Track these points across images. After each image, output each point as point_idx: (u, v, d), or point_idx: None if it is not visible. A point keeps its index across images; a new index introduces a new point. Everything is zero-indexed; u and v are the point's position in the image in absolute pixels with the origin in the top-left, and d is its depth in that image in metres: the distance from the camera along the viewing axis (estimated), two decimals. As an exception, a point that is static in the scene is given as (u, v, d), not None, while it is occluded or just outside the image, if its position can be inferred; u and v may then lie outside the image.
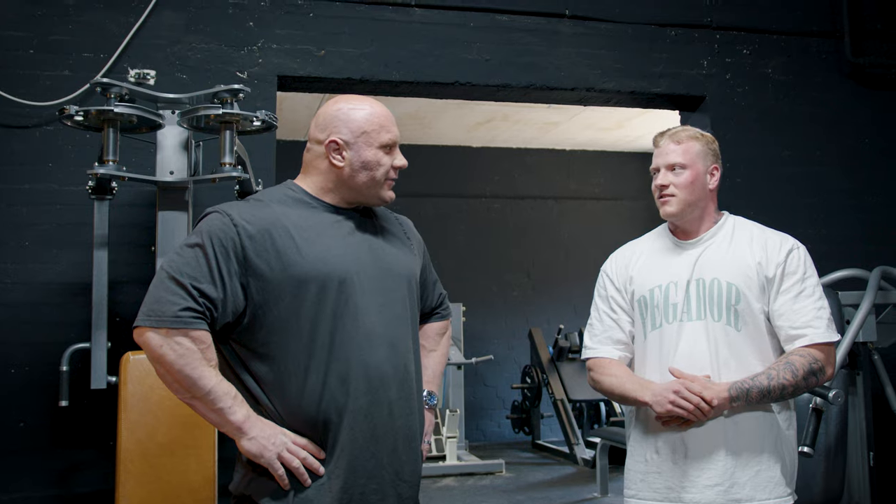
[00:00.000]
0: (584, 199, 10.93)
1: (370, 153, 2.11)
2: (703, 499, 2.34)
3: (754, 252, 2.45)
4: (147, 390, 3.06)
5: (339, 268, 2.04)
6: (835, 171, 4.99)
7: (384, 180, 2.14)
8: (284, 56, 4.27)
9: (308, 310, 2.00)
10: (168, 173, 3.42)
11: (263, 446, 1.94)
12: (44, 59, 3.98)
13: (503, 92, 4.72)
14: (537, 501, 6.79)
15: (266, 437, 1.95)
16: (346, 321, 2.02)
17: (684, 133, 2.51)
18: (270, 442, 1.95)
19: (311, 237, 2.04)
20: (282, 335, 1.99)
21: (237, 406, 1.95)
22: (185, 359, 1.92)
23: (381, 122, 2.13)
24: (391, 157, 2.15)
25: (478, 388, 10.28)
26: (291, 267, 1.99)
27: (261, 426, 1.96)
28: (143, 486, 3.00)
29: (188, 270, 1.95)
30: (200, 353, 1.93)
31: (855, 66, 5.03)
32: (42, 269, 3.88)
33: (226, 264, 1.97)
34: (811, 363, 2.34)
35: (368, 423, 2.02)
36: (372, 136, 2.12)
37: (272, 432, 1.96)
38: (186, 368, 1.92)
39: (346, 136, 2.11)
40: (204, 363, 1.93)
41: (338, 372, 2.00)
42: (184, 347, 1.92)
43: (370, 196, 2.15)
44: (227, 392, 1.95)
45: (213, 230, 1.99)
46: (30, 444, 3.78)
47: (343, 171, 2.11)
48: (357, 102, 2.16)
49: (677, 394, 2.31)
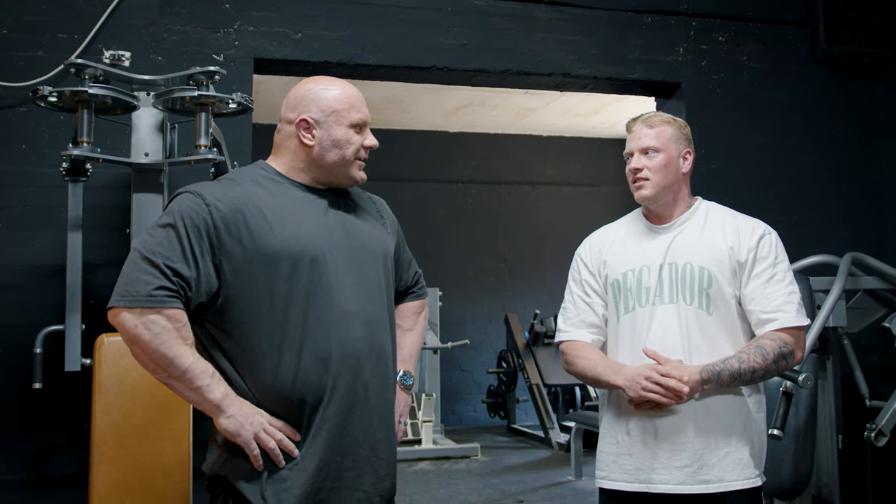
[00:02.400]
0: (561, 185, 10.96)
1: (340, 132, 2.12)
2: (672, 480, 2.37)
3: (726, 237, 2.48)
4: (121, 372, 3.05)
5: (311, 246, 2.04)
6: (809, 159, 5.03)
7: (354, 159, 2.15)
8: (261, 39, 4.25)
9: (281, 288, 2.00)
10: (143, 155, 3.40)
11: (241, 424, 1.95)
12: (17, 39, 3.94)
13: (480, 77, 4.73)
14: (512, 485, 6.83)
15: (244, 416, 1.95)
16: (319, 300, 2.02)
17: (657, 118, 2.54)
18: (248, 421, 1.95)
19: (283, 215, 2.05)
20: (255, 314, 2.00)
21: (215, 384, 1.95)
22: (160, 338, 1.91)
23: (351, 102, 2.14)
24: (361, 137, 2.16)
25: (454, 373, 10.31)
26: (264, 245, 2.00)
27: (238, 405, 1.97)
28: (118, 468, 3.00)
29: (161, 250, 1.95)
30: (176, 331, 1.93)
31: (829, 54, 5.07)
32: (15, 252, 3.84)
33: (198, 244, 1.97)
34: (781, 347, 2.37)
35: (344, 401, 2.03)
36: (342, 115, 2.13)
37: (250, 412, 1.97)
38: (162, 347, 1.91)
39: (316, 115, 2.12)
40: (180, 342, 1.93)
41: (312, 351, 2.00)
42: (159, 326, 1.91)
43: (340, 176, 2.16)
44: (204, 370, 1.95)
45: (185, 210, 1.99)
46: (3, 426, 3.76)
47: (313, 150, 2.12)
48: (327, 83, 2.17)
49: (649, 379, 2.33)
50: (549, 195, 10.91)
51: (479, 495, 6.43)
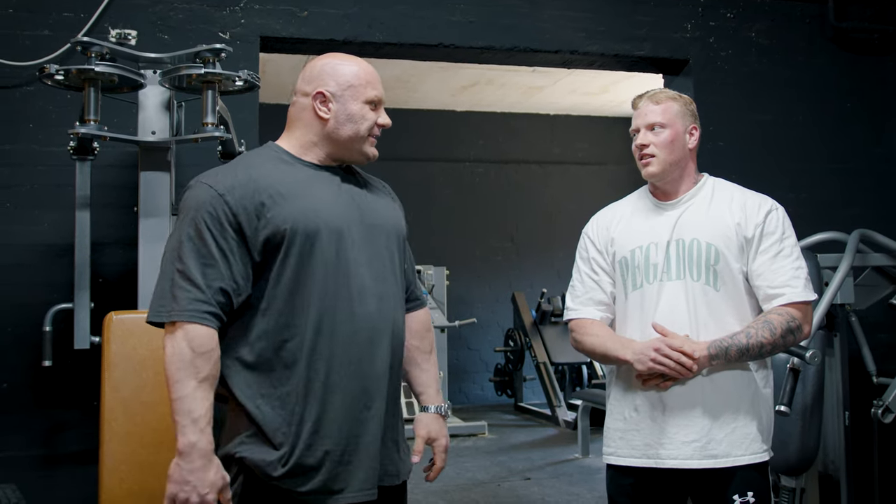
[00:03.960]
0: (569, 164, 10.93)
1: (356, 106, 2.12)
2: (680, 455, 2.38)
3: (733, 213, 2.47)
4: (130, 350, 3.06)
5: (329, 221, 2.05)
6: (817, 136, 5.00)
7: (367, 135, 2.15)
8: (267, 16, 4.23)
9: (299, 262, 2.00)
10: (150, 133, 3.40)
11: (176, 481, 1.89)
12: (23, 18, 3.93)
13: (487, 54, 4.70)
14: (519, 462, 6.86)
15: (189, 476, 1.88)
16: (338, 274, 2.03)
17: (663, 94, 2.53)
18: (185, 486, 1.88)
19: (299, 192, 2.05)
20: (274, 289, 2.01)
21: (191, 430, 1.89)
22: (173, 358, 1.91)
23: (368, 79, 2.15)
24: (376, 114, 2.16)
25: (461, 352, 10.33)
26: (282, 221, 2.00)
27: (197, 464, 1.89)
28: (127, 445, 3.01)
29: (191, 261, 1.95)
30: (192, 360, 1.91)
31: (838, 30, 5.03)
32: (24, 231, 3.86)
33: (224, 238, 1.97)
34: (789, 322, 2.38)
35: (356, 376, 2.03)
36: (358, 91, 2.13)
37: (199, 479, 1.89)
38: (171, 368, 1.91)
39: (333, 89, 2.12)
40: (190, 372, 1.91)
41: (328, 324, 2.01)
42: (179, 348, 1.91)
43: (353, 151, 2.16)
44: (189, 410, 1.90)
45: (203, 205, 1.99)
46: (13, 404, 3.78)
47: (328, 124, 2.12)
48: (345, 59, 2.18)
49: (658, 351, 2.34)
50: (557, 174, 10.89)
51: (487, 473, 6.47)
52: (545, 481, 6.19)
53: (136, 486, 3.01)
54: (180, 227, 2.00)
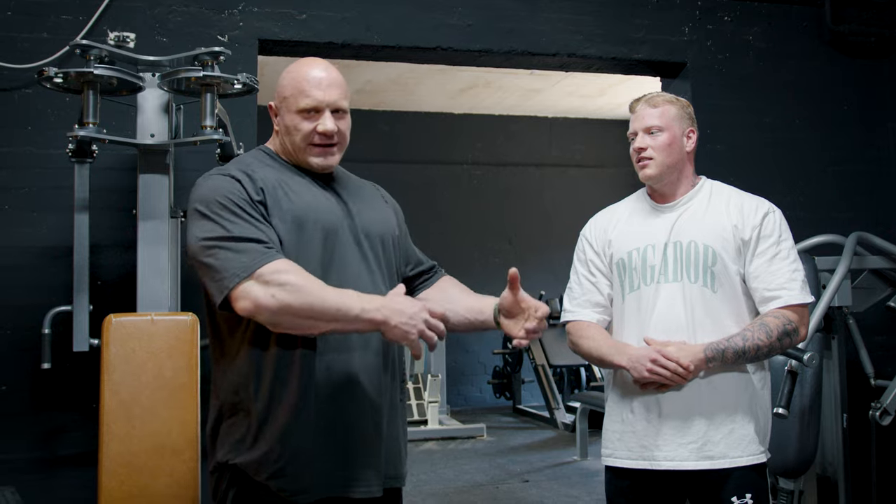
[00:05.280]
0: (566, 167, 10.95)
1: (289, 118, 2.10)
2: (676, 456, 2.39)
3: (731, 215, 2.48)
4: (129, 352, 3.06)
5: (326, 219, 2.05)
6: (814, 139, 5.01)
7: (305, 145, 2.10)
8: (265, 19, 4.24)
9: (296, 258, 1.98)
10: (149, 136, 3.40)
11: (406, 331, 1.87)
12: (21, 21, 3.93)
13: (485, 57, 4.71)
14: (518, 465, 6.87)
15: (409, 316, 1.88)
16: (332, 273, 2.03)
17: (660, 97, 2.55)
18: (412, 322, 1.88)
19: (290, 193, 2.05)
20: None
21: (366, 303, 1.88)
22: (297, 292, 1.86)
23: (300, 87, 2.08)
24: (313, 122, 2.09)
25: (459, 354, 10.34)
26: (279, 222, 2.00)
27: (398, 307, 1.89)
28: (127, 448, 3.02)
29: (236, 226, 1.93)
30: (302, 277, 1.89)
31: (835, 33, 5.04)
32: (22, 233, 3.86)
33: (255, 210, 1.97)
34: (785, 324, 2.39)
35: (350, 378, 2.03)
36: (289, 101, 2.10)
37: (409, 308, 1.89)
38: (307, 299, 1.86)
39: (277, 102, 2.14)
40: (315, 283, 1.89)
41: None
42: (288, 284, 1.87)
43: (302, 162, 2.14)
44: (345, 298, 1.89)
45: (223, 188, 1.99)
46: (12, 407, 3.78)
47: (280, 134, 2.15)
48: (297, 66, 2.14)
49: (654, 362, 2.35)
50: (555, 176, 10.90)
51: (485, 475, 6.47)
52: (543, 483, 6.20)
53: (136, 488, 3.01)
54: (207, 213, 1.97)
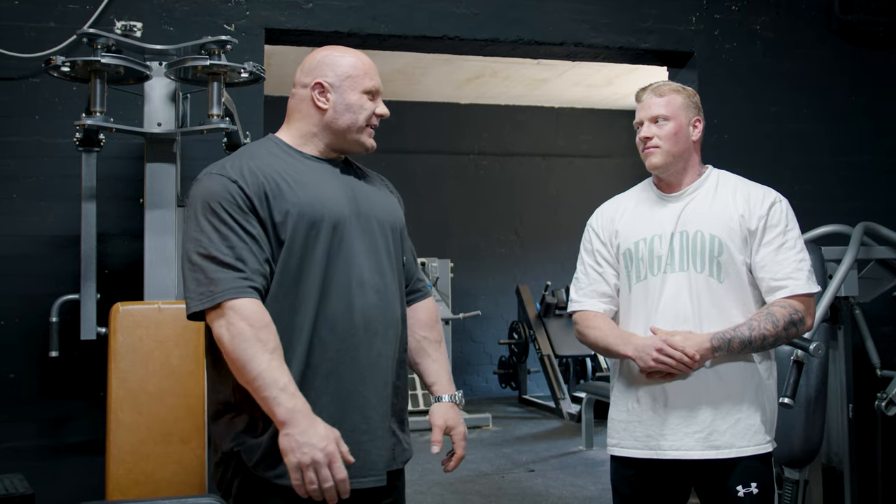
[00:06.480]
0: (573, 157, 10.93)
1: (354, 96, 2.14)
2: (682, 446, 2.40)
3: (737, 204, 2.48)
4: (136, 341, 3.08)
5: (332, 211, 2.05)
6: (821, 128, 5.00)
7: (366, 125, 2.16)
8: (272, 9, 4.24)
9: (304, 251, 2.00)
10: (156, 125, 3.41)
11: (292, 449, 1.84)
12: (28, 10, 3.94)
13: (491, 46, 4.70)
14: (523, 454, 6.88)
15: (303, 441, 1.84)
16: (338, 265, 2.03)
17: (666, 87, 2.54)
18: (302, 450, 1.84)
19: (300, 183, 2.06)
20: (280, 276, 2.00)
21: (284, 397, 1.86)
22: (236, 340, 1.87)
23: (366, 69, 2.17)
24: (374, 104, 2.18)
25: (465, 344, 10.35)
26: (287, 213, 2.00)
27: (305, 425, 1.86)
28: (134, 435, 3.03)
29: (218, 244, 1.94)
30: (254, 333, 1.88)
31: (843, 23, 5.02)
32: (30, 222, 3.87)
33: (247, 222, 1.97)
34: (791, 314, 2.38)
35: (356, 368, 2.03)
36: (356, 81, 2.15)
37: (312, 440, 1.84)
38: (237, 350, 1.87)
39: (332, 79, 2.14)
40: (257, 345, 1.87)
41: (327, 315, 2.01)
42: (237, 327, 1.87)
43: (351, 142, 2.17)
44: (274, 381, 1.86)
45: (219, 193, 1.99)
46: (20, 394, 3.80)
47: (327, 114, 2.14)
48: (343, 51, 2.20)
49: (660, 351, 2.35)
50: (561, 166, 10.89)
51: (491, 465, 6.48)
52: (549, 473, 6.21)
53: (143, 475, 3.03)
54: (198, 219, 1.99)
